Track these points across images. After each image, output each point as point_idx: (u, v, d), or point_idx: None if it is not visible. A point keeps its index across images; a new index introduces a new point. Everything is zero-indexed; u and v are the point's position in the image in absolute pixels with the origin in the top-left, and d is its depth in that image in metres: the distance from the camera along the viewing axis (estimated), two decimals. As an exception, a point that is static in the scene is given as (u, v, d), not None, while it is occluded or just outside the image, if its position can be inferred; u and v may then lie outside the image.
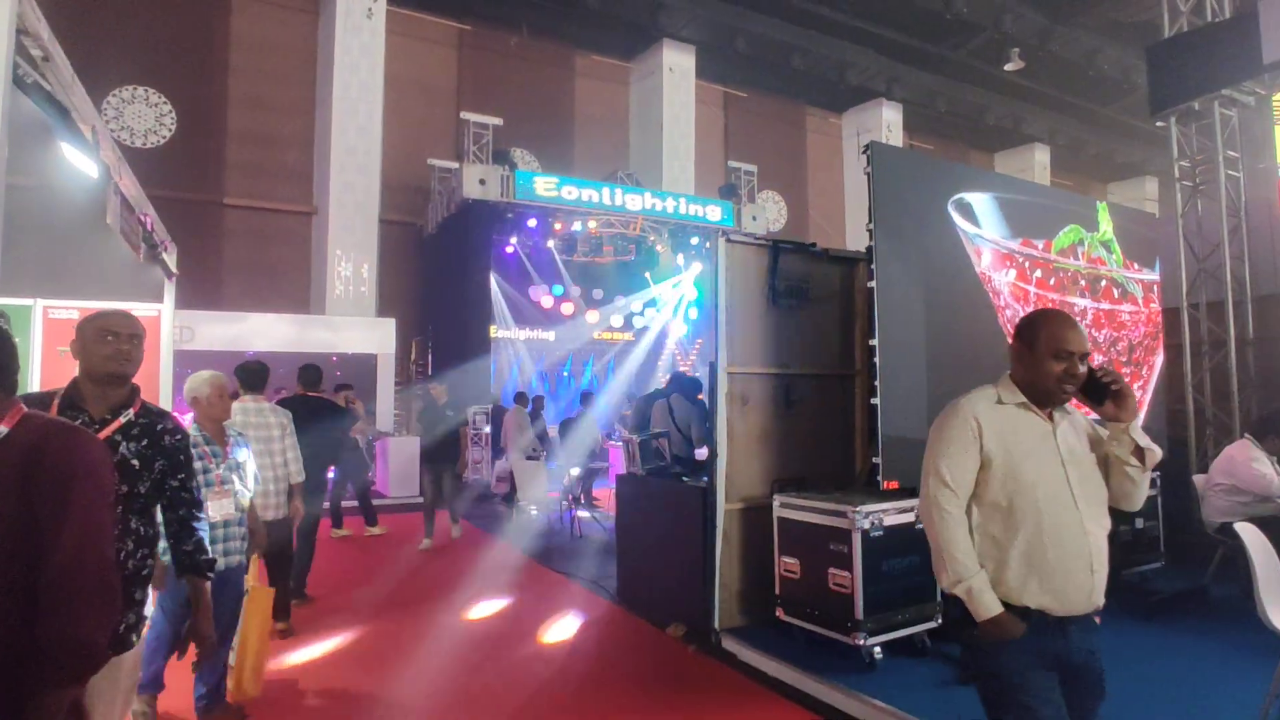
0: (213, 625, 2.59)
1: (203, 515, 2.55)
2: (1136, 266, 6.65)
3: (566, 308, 15.85)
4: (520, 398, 11.61)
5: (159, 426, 2.37)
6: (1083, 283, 6.12)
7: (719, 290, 5.07)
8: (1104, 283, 6.27)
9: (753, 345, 5.27)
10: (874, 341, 4.64)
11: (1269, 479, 5.16)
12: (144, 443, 2.32)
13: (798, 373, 5.44)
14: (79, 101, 3.87)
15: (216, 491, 3.61)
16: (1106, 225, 6.44)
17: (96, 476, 1.58)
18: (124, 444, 2.29)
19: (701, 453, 6.86)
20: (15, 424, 1.58)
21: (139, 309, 7.34)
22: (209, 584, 2.59)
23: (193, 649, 2.52)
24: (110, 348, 2.27)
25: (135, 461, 2.30)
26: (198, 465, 3.24)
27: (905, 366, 4.74)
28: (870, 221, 4.70)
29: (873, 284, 4.67)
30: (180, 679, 3.74)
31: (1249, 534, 3.47)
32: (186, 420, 3.65)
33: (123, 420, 2.30)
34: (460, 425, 8.51)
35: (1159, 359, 6.71)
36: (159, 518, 2.41)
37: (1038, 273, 5.82)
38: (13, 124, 3.03)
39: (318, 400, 6.28)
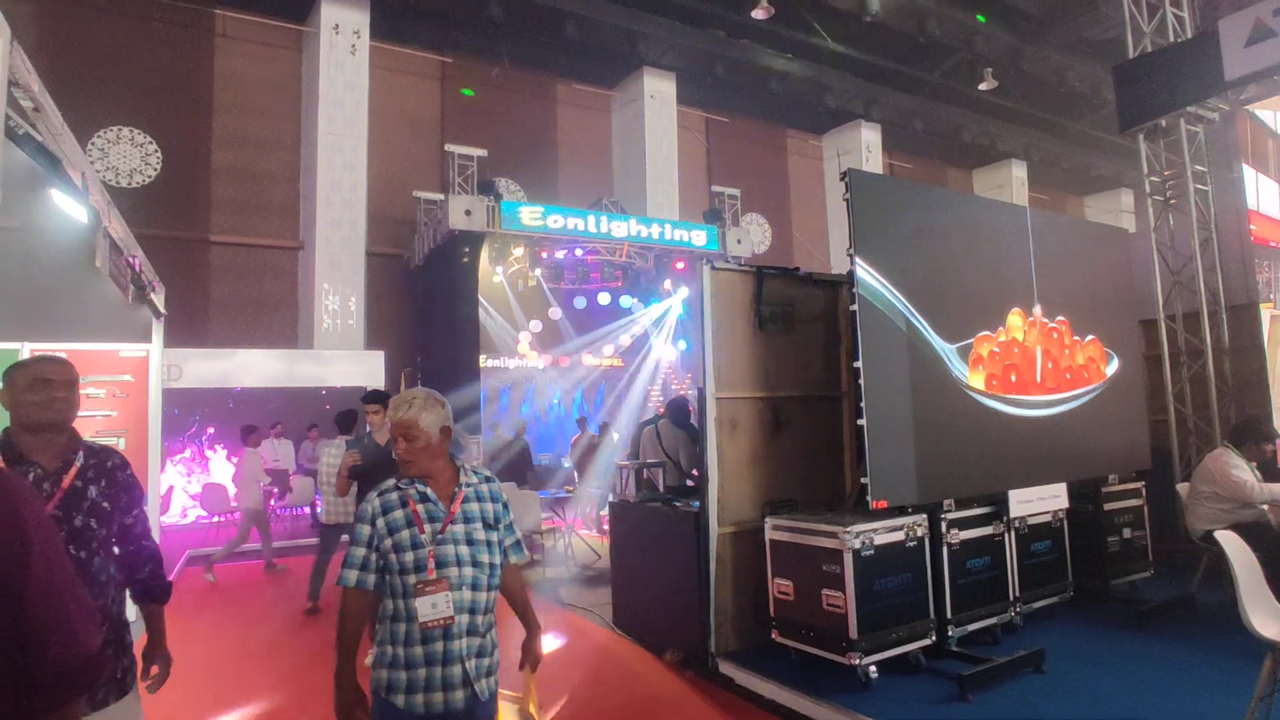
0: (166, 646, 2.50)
1: (152, 539, 2.48)
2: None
3: (558, 335, 15.91)
4: (582, 423, 11.98)
5: (109, 463, 2.36)
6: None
7: (705, 317, 5.13)
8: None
9: (740, 370, 5.33)
10: (858, 364, 4.73)
11: (1248, 485, 5.26)
12: (103, 483, 2.31)
13: (785, 395, 5.48)
14: (69, 149, 3.93)
15: (427, 582, 2.27)
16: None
17: (45, 523, 1.57)
18: (89, 488, 2.26)
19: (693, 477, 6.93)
20: None
21: (127, 349, 7.34)
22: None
23: (153, 670, 2.46)
24: (43, 394, 2.20)
25: (105, 503, 2.29)
26: (405, 535, 2.32)
27: (890, 387, 4.81)
28: (851, 246, 4.82)
29: (854, 307, 4.77)
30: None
31: (1230, 542, 3.55)
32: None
33: (78, 464, 2.27)
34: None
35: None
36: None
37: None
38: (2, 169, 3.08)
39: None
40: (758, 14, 14.32)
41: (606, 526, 9.41)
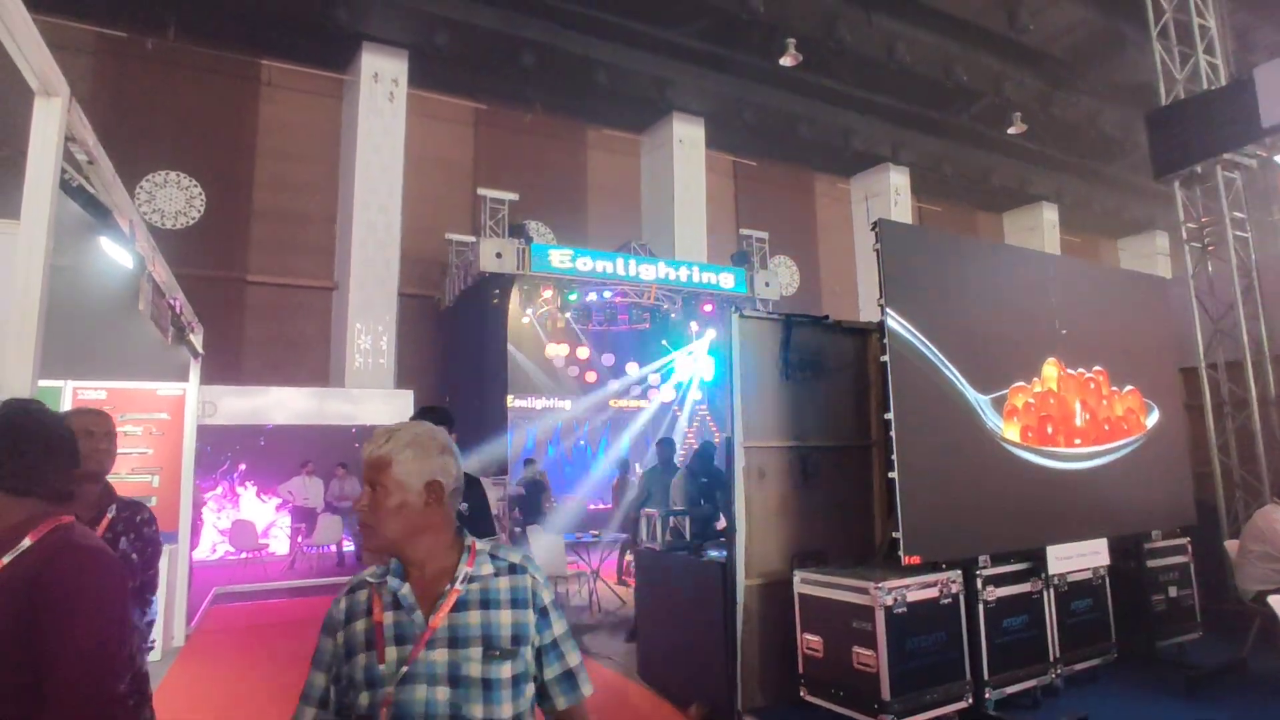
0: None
1: (155, 599, 2.44)
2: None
3: (589, 375, 15.82)
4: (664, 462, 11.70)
5: (138, 517, 2.36)
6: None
7: (733, 365, 5.10)
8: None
9: (768, 418, 5.27)
10: (889, 415, 4.65)
11: (1302, 546, 5.03)
12: (132, 536, 2.31)
13: (814, 445, 5.41)
14: (119, 199, 4.06)
15: None
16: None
17: (102, 599, 1.52)
18: (119, 539, 2.28)
19: (719, 523, 6.80)
20: (40, 538, 1.54)
21: (165, 388, 7.50)
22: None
23: None
24: (86, 446, 2.17)
25: (134, 555, 2.30)
26: (360, 661, 1.58)
27: (921, 439, 4.73)
28: (881, 297, 4.78)
29: (885, 358, 4.70)
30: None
31: (1284, 609, 3.38)
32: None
33: (110, 516, 2.28)
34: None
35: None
36: None
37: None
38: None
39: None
40: (785, 61, 14.51)
41: (629, 572, 9.40)
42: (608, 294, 14.67)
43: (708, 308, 15.26)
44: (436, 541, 1.60)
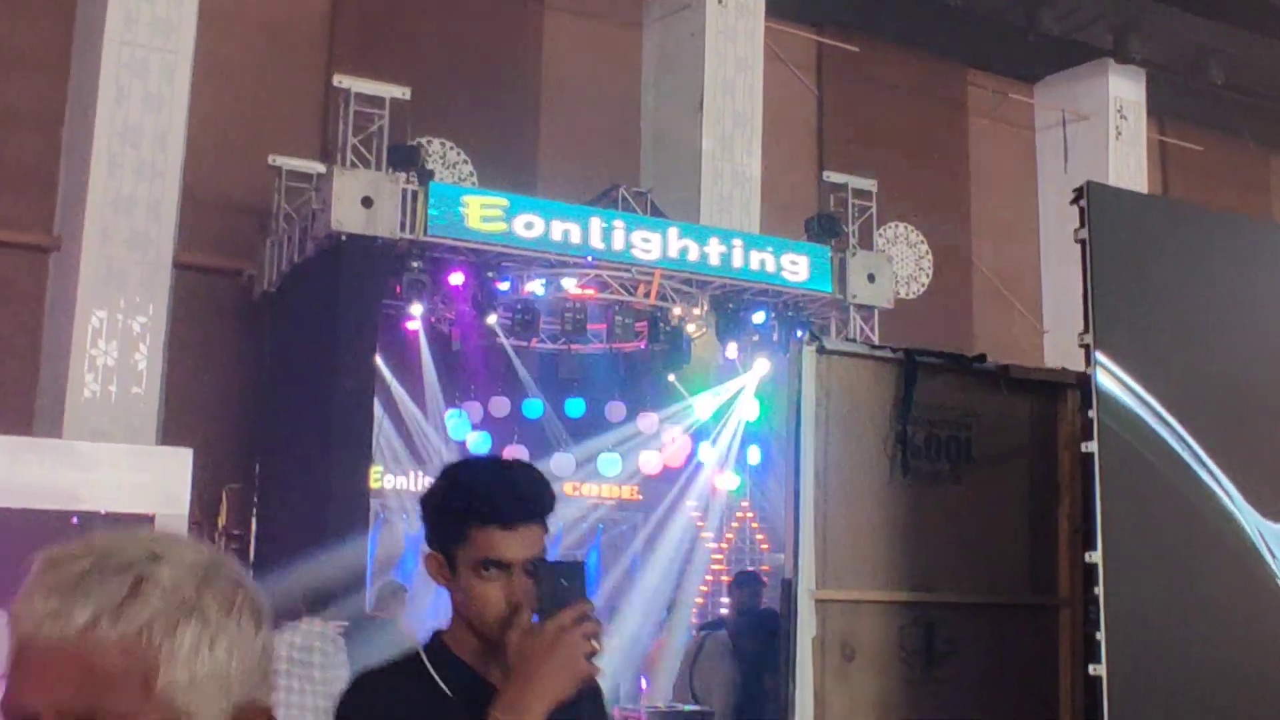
0: None
1: None
2: None
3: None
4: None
5: None
6: None
7: (800, 444, 3.56)
8: None
9: (864, 547, 3.78)
10: (1094, 555, 3.39)
11: None
12: None
13: (951, 601, 3.94)
14: None
15: None
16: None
17: None
18: None
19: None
20: None
21: None
22: None
23: None
24: None
25: None
26: None
27: (1155, 596, 3.57)
28: (1086, 330, 3.33)
29: (1091, 446, 3.33)
30: None
31: None
32: None
33: None
34: None
35: None
36: None
37: None
38: None
39: None
40: None
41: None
42: (571, 283, 9.48)
43: (758, 318, 9.75)
44: None
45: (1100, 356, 3.46)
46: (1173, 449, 3.60)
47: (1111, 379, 3.49)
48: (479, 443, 9.46)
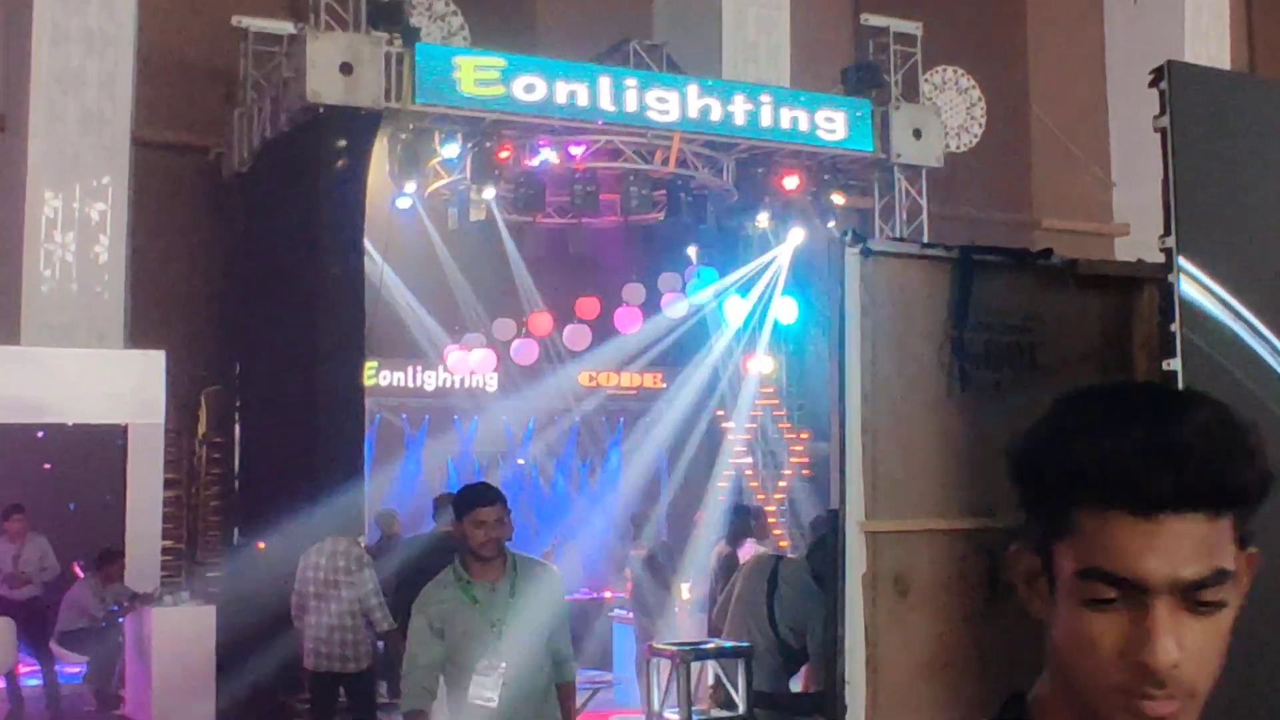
0: None
1: None
2: None
3: (538, 322, 9.02)
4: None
5: None
6: None
7: (844, 359, 3.29)
8: None
9: (917, 471, 3.52)
10: None
11: None
12: None
13: (1015, 526, 1.23)
14: None
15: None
16: None
17: None
18: None
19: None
20: None
21: None
22: None
23: None
24: None
25: None
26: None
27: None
28: (1168, 231, 3.14)
29: (1174, 364, 3.18)
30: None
31: None
32: None
33: None
34: None
35: None
36: None
37: None
38: None
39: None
40: None
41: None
42: (579, 151, 8.42)
43: (791, 182, 8.75)
44: None
45: (1184, 262, 3.14)
46: (1271, 367, 3.29)
47: (1197, 287, 3.16)
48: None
